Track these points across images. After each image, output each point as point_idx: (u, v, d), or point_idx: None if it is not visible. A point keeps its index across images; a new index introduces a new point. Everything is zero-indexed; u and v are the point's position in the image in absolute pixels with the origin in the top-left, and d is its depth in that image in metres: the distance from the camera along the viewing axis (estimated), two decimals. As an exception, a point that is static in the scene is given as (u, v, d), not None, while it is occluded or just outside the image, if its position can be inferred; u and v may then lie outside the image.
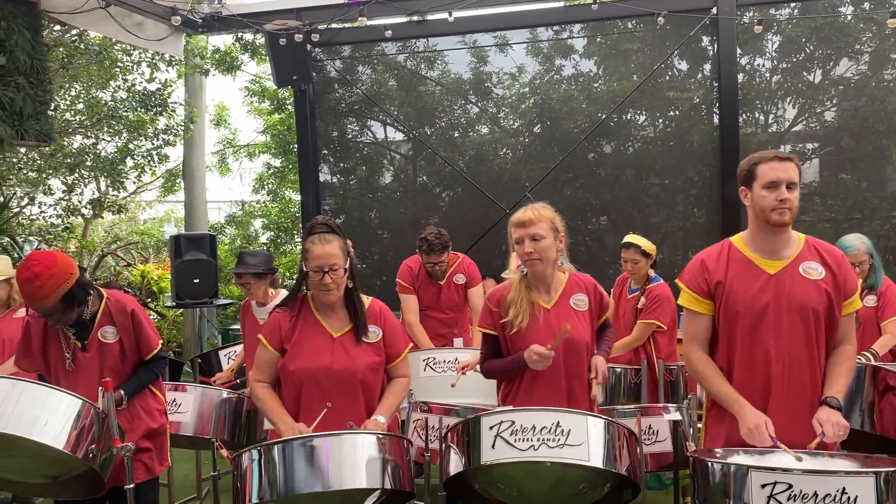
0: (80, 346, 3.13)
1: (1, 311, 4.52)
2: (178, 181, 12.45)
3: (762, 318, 2.64)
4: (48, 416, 2.75)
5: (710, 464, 2.37)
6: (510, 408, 2.61)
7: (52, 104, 7.09)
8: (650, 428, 3.28)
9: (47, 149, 8.89)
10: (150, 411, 3.29)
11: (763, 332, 2.64)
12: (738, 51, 7.60)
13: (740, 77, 7.64)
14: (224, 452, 2.82)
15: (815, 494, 2.15)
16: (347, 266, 2.93)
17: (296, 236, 11.98)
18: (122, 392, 3.15)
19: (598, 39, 8.19)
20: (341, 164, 8.88)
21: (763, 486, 2.20)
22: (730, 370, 2.71)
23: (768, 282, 2.66)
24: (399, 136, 8.87)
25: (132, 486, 2.89)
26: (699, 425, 3.14)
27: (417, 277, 5.10)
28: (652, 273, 4.83)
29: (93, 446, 2.82)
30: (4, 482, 3.03)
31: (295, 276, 8.51)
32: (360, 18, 7.16)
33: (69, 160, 9.67)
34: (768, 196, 2.63)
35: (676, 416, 3.12)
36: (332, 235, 2.91)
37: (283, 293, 4.31)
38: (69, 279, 2.98)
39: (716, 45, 7.66)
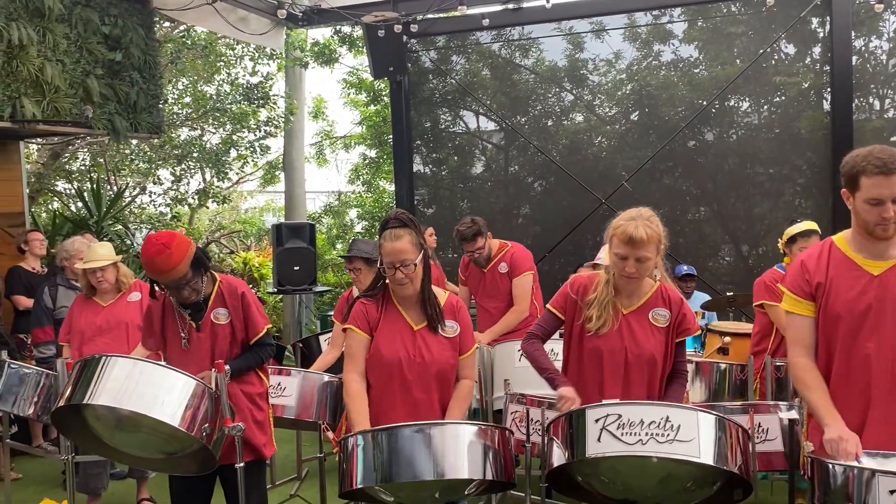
0: (195, 326, 3.27)
1: (113, 295, 4.69)
2: (277, 172, 12.85)
3: (863, 321, 2.50)
4: (166, 395, 2.88)
5: (830, 466, 2.26)
6: (616, 401, 2.57)
7: (163, 98, 7.43)
8: (760, 426, 3.16)
9: (157, 141, 9.34)
10: (253, 398, 3.38)
11: (864, 336, 2.50)
12: (853, 32, 7.21)
13: (854, 60, 7.24)
14: (330, 434, 2.89)
15: (953, 504, 2.01)
16: (420, 260, 2.92)
17: (389, 226, 12.14)
18: (228, 367, 3.17)
19: (700, 23, 7.93)
20: (434, 155, 8.94)
21: (892, 492, 2.08)
22: (828, 375, 2.58)
23: (871, 283, 2.52)
24: (491, 126, 8.86)
25: (242, 464, 3.00)
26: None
27: (468, 267, 5.23)
28: None
29: (206, 425, 2.93)
30: (127, 456, 3.21)
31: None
32: (459, 7, 7.15)
33: (177, 151, 10.12)
34: (871, 211, 2.46)
35: (793, 414, 2.99)
36: (403, 230, 2.90)
37: None
38: (191, 246, 3.18)
39: (826, 27, 7.29)
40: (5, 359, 4.23)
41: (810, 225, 4.52)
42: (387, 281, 3.02)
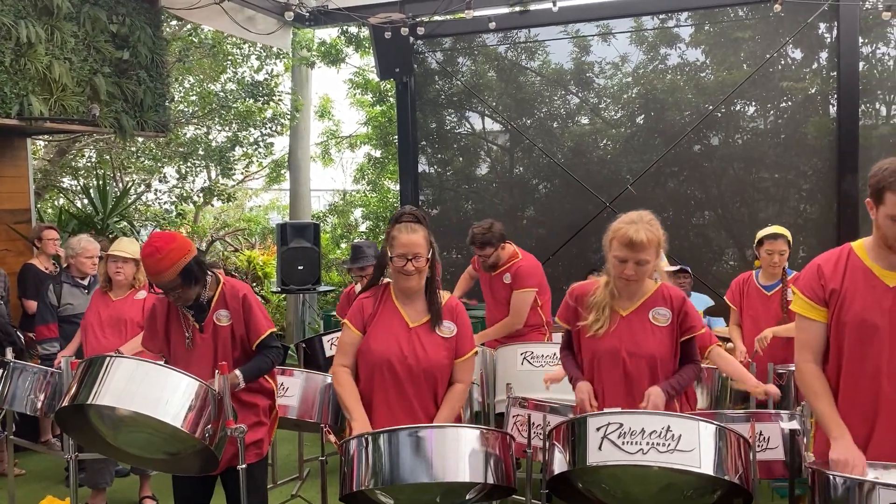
0: (199, 327, 3.29)
1: (124, 291, 4.78)
2: (283, 171, 12.87)
3: (875, 331, 2.49)
4: (169, 396, 2.89)
5: (831, 477, 2.26)
6: (618, 409, 2.57)
7: (170, 96, 7.45)
8: (761, 434, 3.16)
9: (163, 138, 9.36)
10: (264, 397, 3.41)
11: (875, 347, 2.49)
12: (860, 39, 7.20)
13: (861, 66, 7.23)
14: (332, 438, 2.90)
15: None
16: (430, 256, 3.01)
17: (394, 226, 12.17)
18: (240, 375, 3.21)
19: (707, 27, 7.93)
20: (439, 156, 8.95)
21: (893, 504, 2.08)
22: (837, 383, 2.57)
23: (886, 294, 2.51)
24: (497, 128, 8.87)
25: (244, 465, 3.01)
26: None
27: (478, 267, 5.30)
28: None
29: (209, 426, 2.94)
30: (129, 456, 3.22)
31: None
32: (466, 11, 7.15)
33: (182, 149, 10.14)
34: (893, 227, 2.45)
35: (794, 424, 2.99)
36: (418, 226, 3.01)
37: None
38: (187, 255, 3.14)
39: (833, 33, 7.29)
40: (9, 359, 4.25)
41: (774, 229, 4.60)
42: (387, 279, 3.06)
